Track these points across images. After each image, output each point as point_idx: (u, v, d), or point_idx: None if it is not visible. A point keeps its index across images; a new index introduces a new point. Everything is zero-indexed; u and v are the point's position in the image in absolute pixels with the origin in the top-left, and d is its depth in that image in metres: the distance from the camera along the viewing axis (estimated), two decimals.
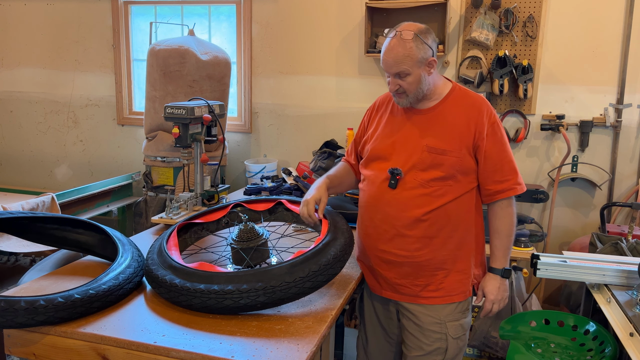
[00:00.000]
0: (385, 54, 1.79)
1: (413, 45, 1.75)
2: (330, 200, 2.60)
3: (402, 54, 1.75)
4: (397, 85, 1.81)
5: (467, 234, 1.89)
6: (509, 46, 3.20)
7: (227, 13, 3.77)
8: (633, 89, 3.10)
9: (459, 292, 1.90)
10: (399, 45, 1.76)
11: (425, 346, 1.91)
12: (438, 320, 1.89)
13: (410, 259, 1.86)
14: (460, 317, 1.92)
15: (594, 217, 3.26)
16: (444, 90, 1.88)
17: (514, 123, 3.29)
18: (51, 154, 4.22)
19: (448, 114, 1.85)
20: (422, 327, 1.91)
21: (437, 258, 1.86)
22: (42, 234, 1.96)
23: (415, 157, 1.83)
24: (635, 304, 1.89)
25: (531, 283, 3.18)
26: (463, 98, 1.88)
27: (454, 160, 1.81)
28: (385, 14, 3.34)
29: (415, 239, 1.84)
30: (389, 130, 1.92)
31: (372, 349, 2.15)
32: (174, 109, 2.37)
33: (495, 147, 1.84)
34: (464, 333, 1.94)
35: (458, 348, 1.93)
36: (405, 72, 1.77)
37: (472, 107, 1.85)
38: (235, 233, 1.82)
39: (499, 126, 1.87)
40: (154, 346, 1.42)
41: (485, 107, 1.86)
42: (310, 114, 3.63)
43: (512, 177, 1.87)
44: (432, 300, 1.89)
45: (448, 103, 1.87)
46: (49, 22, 4.03)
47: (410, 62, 1.76)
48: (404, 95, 1.83)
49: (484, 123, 1.83)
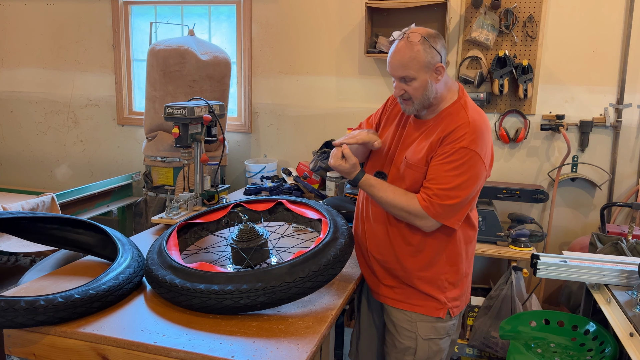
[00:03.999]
0: (391, 57, 1.74)
1: (420, 48, 1.68)
2: (330, 201, 2.61)
3: (408, 56, 1.69)
4: (402, 90, 1.75)
5: (436, 253, 1.83)
6: (509, 46, 3.20)
7: (227, 13, 3.77)
8: (633, 89, 3.10)
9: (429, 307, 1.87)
10: (406, 48, 1.70)
11: (398, 343, 1.94)
12: (409, 319, 1.90)
13: (382, 263, 1.91)
14: (434, 321, 1.88)
15: (594, 217, 3.26)
16: (446, 102, 1.79)
17: (514, 123, 3.29)
18: (51, 154, 4.22)
19: (434, 129, 1.77)
20: (395, 324, 1.93)
21: (403, 268, 1.87)
22: (42, 234, 1.96)
23: (396, 167, 1.85)
24: (635, 304, 1.89)
25: (531, 283, 3.18)
26: (454, 115, 1.75)
27: (416, 175, 1.77)
28: (385, 14, 3.33)
29: (387, 244, 1.88)
30: (391, 135, 1.92)
31: (363, 344, 2.18)
32: (174, 109, 2.37)
33: (442, 165, 1.70)
34: (439, 337, 1.90)
35: (431, 351, 1.90)
36: (410, 76, 1.70)
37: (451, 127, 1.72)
38: (235, 233, 1.82)
39: (465, 154, 1.68)
40: (154, 346, 1.42)
41: (463, 131, 1.69)
42: (310, 114, 3.63)
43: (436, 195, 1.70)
44: (401, 305, 1.92)
45: (441, 119, 1.77)
46: (49, 22, 4.03)
47: (417, 65, 1.69)
48: (410, 102, 1.77)
49: (448, 144, 1.70)
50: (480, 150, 1.70)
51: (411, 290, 1.88)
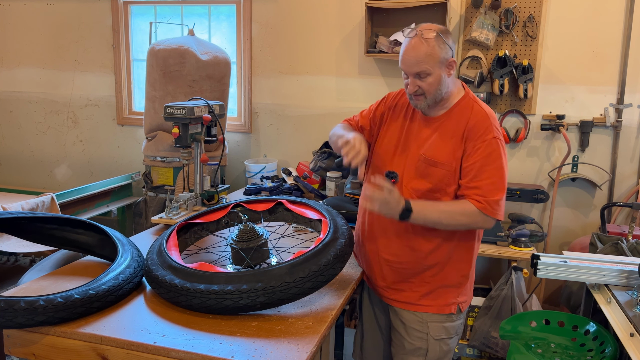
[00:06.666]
0: (406, 53, 1.73)
1: (435, 44, 1.70)
2: (330, 201, 2.60)
3: (424, 52, 1.69)
4: (416, 86, 1.74)
5: (454, 250, 1.85)
6: (509, 46, 3.20)
7: (227, 13, 3.77)
8: (633, 89, 3.09)
9: (440, 305, 1.88)
10: (421, 44, 1.70)
11: (407, 344, 1.93)
12: (421, 320, 1.90)
13: (394, 264, 1.90)
14: (445, 320, 1.90)
15: (594, 217, 3.26)
16: (454, 98, 1.82)
17: (514, 123, 3.29)
18: (51, 154, 4.22)
19: (449, 125, 1.80)
20: (406, 325, 1.93)
21: (419, 269, 1.86)
22: (42, 234, 1.96)
23: (411, 166, 1.83)
24: (635, 304, 1.89)
25: (531, 283, 3.18)
26: (468, 109, 1.80)
27: (443, 173, 1.78)
28: (385, 14, 3.33)
29: (401, 246, 1.87)
30: (397, 134, 1.91)
31: (367, 344, 2.17)
32: (174, 109, 2.37)
33: (480, 160, 1.73)
34: (449, 337, 1.92)
35: (442, 351, 1.91)
36: (426, 71, 1.71)
37: (472, 121, 1.77)
38: (235, 233, 1.81)
39: (497, 144, 1.74)
40: (153, 346, 1.42)
41: (486, 123, 1.76)
42: (310, 114, 3.63)
43: (488, 192, 1.72)
44: (411, 307, 1.91)
45: (454, 114, 1.81)
46: (49, 22, 4.03)
47: (432, 61, 1.70)
48: (422, 98, 1.77)
49: (477, 138, 1.74)
50: (501, 137, 1.79)
51: (422, 291, 1.88)
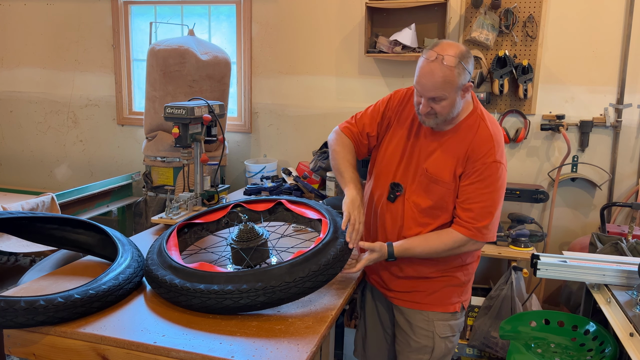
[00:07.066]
0: (424, 77, 1.68)
1: (455, 72, 1.65)
2: (330, 201, 2.61)
3: (443, 79, 1.65)
4: (429, 108, 1.72)
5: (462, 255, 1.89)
6: (509, 46, 3.20)
7: (227, 13, 3.77)
8: (633, 89, 3.09)
9: (446, 304, 1.92)
10: (440, 71, 1.64)
11: (413, 342, 1.95)
12: (427, 318, 1.92)
13: (404, 265, 1.91)
14: (450, 318, 1.93)
15: (594, 217, 3.26)
16: (463, 113, 1.80)
17: (514, 123, 3.29)
18: (51, 154, 4.22)
19: (454, 142, 1.78)
20: (411, 324, 1.95)
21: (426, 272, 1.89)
22: (42, 234, 1.96)
23: (414, 179, 1.84)
24: (635, 304, 1.89)
25: (531, 283, 3.18)
26: (474, 128, 1.78)
27: (444, 191, 1.79)
28: (385, 14, 3.33)
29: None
30: (403, 144, 1.89)
31: (370, 343, 2.18)
32: (174, 109, 2.37)
33: (477, 183, 1.75)
34: (453, 334, 1.95)
35: (446, 349, 1.94)
36: (442, 97, 1.68)
37: (475, 142, 1.76)
38: (235, 233, 1.82)
39: (497, 168, 1.74)
40: (153, 346, 1.42)
41: (489, 145, 1.74)
42: (310, 114, 3.63)
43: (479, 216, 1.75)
44: (418, 306, 1.94)
45: (461, 130, 1.79)
46: (49, 22, 4.03)
47: (450, 88, 1.67)
48: (433, 117, 1.74)
49: (478, 160, 1.74)
50: (504, 160, 1.78)
51: (429, 291, 1.90)
